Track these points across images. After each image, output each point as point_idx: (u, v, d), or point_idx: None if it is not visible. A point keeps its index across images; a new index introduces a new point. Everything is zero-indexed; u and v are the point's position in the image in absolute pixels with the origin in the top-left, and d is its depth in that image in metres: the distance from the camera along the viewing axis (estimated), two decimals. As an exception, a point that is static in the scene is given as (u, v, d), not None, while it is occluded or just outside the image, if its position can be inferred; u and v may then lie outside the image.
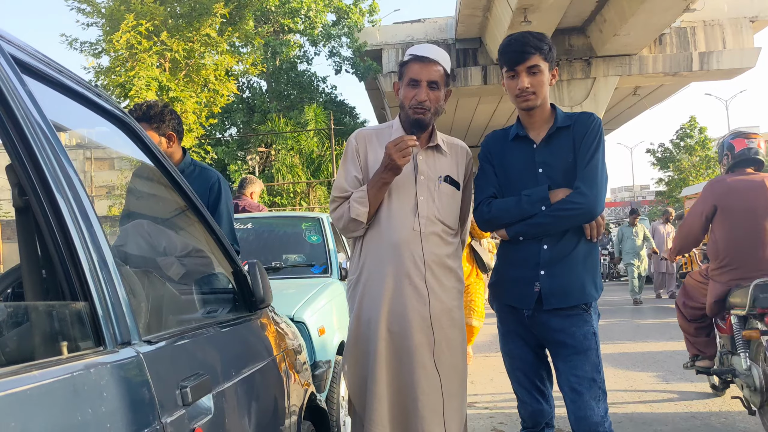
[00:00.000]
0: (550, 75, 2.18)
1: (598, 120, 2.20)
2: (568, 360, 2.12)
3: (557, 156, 2.16)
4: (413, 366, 2.17)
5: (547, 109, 2.22)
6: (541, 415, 2.25)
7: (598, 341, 2.14)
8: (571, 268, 2.13)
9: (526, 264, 2.16)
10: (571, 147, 2.15)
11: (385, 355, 2.19)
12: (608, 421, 2.08)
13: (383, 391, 2.17)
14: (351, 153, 2.34)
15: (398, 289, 2.20)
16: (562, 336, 2.13)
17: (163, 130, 2.69)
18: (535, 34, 2.19)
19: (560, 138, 2.18)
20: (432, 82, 2.23)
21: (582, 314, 2.13)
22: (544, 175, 2.16)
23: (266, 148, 20.69)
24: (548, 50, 2.14)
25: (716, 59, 19.35)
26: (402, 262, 2.20)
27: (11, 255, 1.17)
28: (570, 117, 2.21)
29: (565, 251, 2.14)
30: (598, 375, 2.10)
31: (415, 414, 2.15)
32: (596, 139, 2.14)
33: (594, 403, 2.07)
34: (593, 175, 2.09)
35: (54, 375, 0.84)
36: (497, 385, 5.05)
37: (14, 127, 0.95)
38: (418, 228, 2.21)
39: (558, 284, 2.12)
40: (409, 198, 2.24)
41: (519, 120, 2.26)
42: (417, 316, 2.19)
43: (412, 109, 2.23)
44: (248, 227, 4.51)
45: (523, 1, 14.75)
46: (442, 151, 2.33)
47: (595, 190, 2.08)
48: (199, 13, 14.19)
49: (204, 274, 1.82)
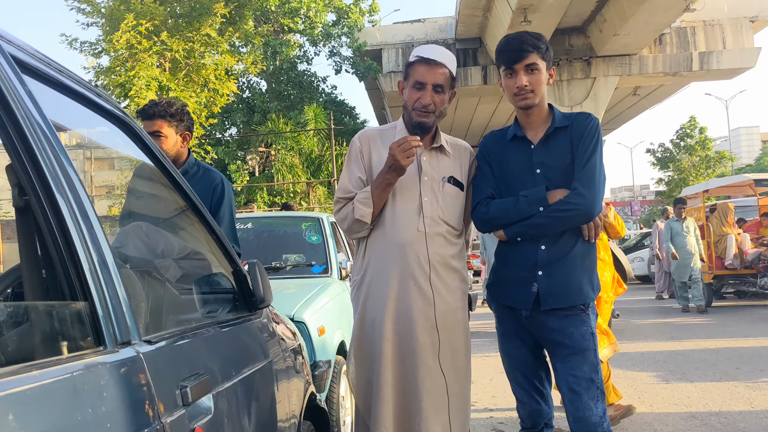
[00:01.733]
0: (548, 75, 2.18)
1: (595, 120, 2.20)
2: (566, 360, 2.12)
3: (555, 156, 2.16)
4: (417, 367, 2.17)
5: (545, 109, 2.21)
6: (539, 416, 2.24)
7: (596, 341, 2.15)
8: (569, 268, 2.13)
9: (524, 264, 2.16)
10: (568, 147, 2.15)
11: (390, 356, 2.19)
12: (607, 422, 2.08)
13: (388, 392, 2.17)
14: (355, 153, 2.33)
15: (403, 290, 2.20)
16: (560, 336, 2.13)
17: (180, 129, 2.72)
18: (532, 33, 2.19)
19: (558, 138, 2.17)
20: (437, 85, 2.23)
21: (580, 315, 2.13)
22: (541, 176, 2.16)
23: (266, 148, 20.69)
24: (545, 49, 2.15)
25: (716, 59, 19.36)
26: (407, 263, 2.20)
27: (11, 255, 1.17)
28: (567, 117, 2.21)
29: (563, 252, 2.14)
30: (596, 375, 2.10)
31: (419, 414, 2.16)
32: (594, 139, 2.14)
33: (592, 404, 2.07)
34: (591, 176, 2.09)
35: (54, 375, 0.84)
36: (497, 385, 5.05)
37: (14, 127, 0.95)
38: (422, 229, 2.21)
39: (556, 285, 2.12)
40: (413, 199, 2.24)
41: (517, 120, 2.26)
42: (422, 316, 2.19)
43: (416, 112, 2.23)
44: (248, 227, 4.51)
45: (523, 1, 14.75)
46: (445, 152, 2.32)
47: (593, 191, 2.08)
48: (199, 13, 14.20)
49: (204, 274, 1.82)
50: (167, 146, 2.67)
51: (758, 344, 6.52)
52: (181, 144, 2.74)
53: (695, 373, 5.21)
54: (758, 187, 11.09)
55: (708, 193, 11.94)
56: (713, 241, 10.46)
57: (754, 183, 10.87)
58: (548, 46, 2.18)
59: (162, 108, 2.66)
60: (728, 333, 7.38)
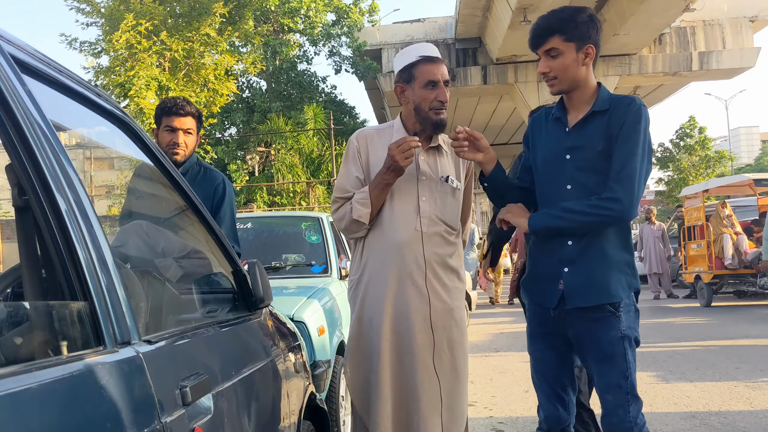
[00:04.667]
0: (583, 54, 1.97)
1: (638, 106, 1.96)
2: (594, 366, 2.01)
3: (587, 143, 1.98)
4: (415, 366, 2.17)
5: (589, 90, 2.02)
6: (556, 421, 2.12)
7: (626, 344, 1.97)
8: (597, 265, 1.97)
9: (551, 260, 2.03)
10: (603, 134, 1.96)
11: (389, 356, 2.19)
12: (639, 426, 1.95)
13: (386, 392, 2.17)
14: (352, 153, 2.33)
15: (401, 290, 2.20)
16: (587, 341, 2.00)
17: (198, 130, 2.78)
18: (564, 11, 1.99)
19: (595, 123, 1.98)
20: (446, 81, 2.25)
21: (609, 318, 1.96)
22: (570, 163, 2.00)
23: (266, 148, 20.69)
24: (573, 28, 1.94)
25: (716, 59, 19.35)
26: (404, 263, 2.20)
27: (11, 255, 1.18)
28: (609, 100, 2.00)
29: (591, 247, 1.98)
30: (626, 381, 1.95)
31: (418, 414, 2.15)
32: (635, 131, 1.92)
33: (621, 411, 1.94)
34: (631, 178, 1.90)
35: (54, 375, 0.84)
36: (497, 385, 5.05)
37: (14, 127, 0.95)
38: (420, 228, 2.22)
39: (580, 282, 1.97)
40: (411, 198, 2.24)
41: (561, 99, 2.09)
42: (419, 316, 2.19)
43: (434, 111, 2.23)
44: (248, 227, 4.51)
45: (522, 1, 14.75)
46: (443, 152, 2.33)
47: (630, 196, 1.90)
48: (198, 13, 14.20)
49: (203, 274, 1.82)
50: (193, 144, 2.73)
51: (758, 344, 6.52)
52: (195, 144, 2.79)
53: (695, 373, 5.21)
54: (758, 187, 11.10)
55: (708, 193, 11.94)
56: (712, 241, 10.46)
57: (754, 183, 10.89)
58: (581, 23, 1.95)
59: (193, 107, 2.72)
60: (728, 333, 7.38)
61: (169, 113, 2.66)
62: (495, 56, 18.69)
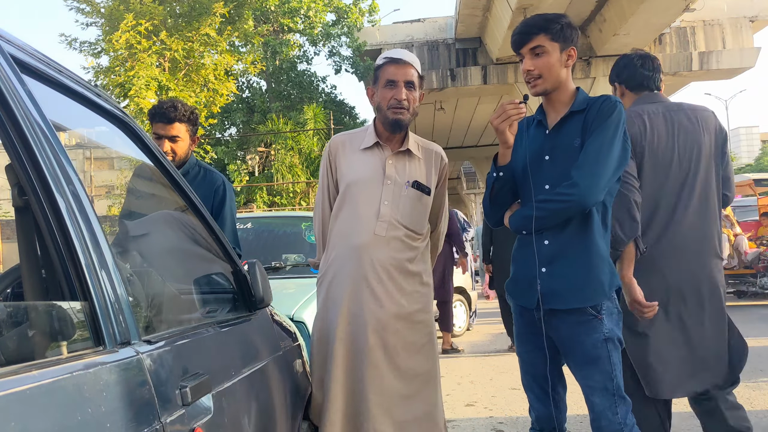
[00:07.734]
0: (566, 55, 2.00)
1: (614, 102, 1.98)
2: (578, 369, 2.01)
3: (564, 141, 2.01)
4: (365, 367, 2.19)
5: (567, 93, 2.04)
6: (547, 421, 2.12)
7: (610, 346, 1.95)
8: (574, 266, 1.95)
9: (530, 261, 2.01)
10: (579, 131, 1.98)
11: (342, 356, 2.21)
12: (628, 426, 1.94)
13: (338, 392, 2.19)
14: (324, 163, 2.42)
15: (356, 292, 2.23)
16: (570, 344, 2.00)
17: (193, 132, 2.76)
18: (547, 14, 2.03)
19: (572, 122, 2.01)
20: (408, 82, 2.27)
21: (590, 320, 1.94)
22: (549, 164, 2.02)
23: (266, 148, 20.69)
24: (559, 29, 1.97)
25: (716, 59, 19.36)
26: (360, 266, 2.23)
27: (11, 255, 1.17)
28: (587, 101, 2.03)
29: (568, 246, 1.96)
30: (611, 383, 1.94)
31: (366, 414, 2.17)
32: (607, 124, 1.93)
33: (609, 413, 1.93)
34: (591, 162, 1.90)
35: (54, 375, 0.84)
36: (497, 385, 5.05)
37: (14, 127, 0.95)
38: (379, 232, 2.25)
39: (557, 284, 1.96)
40: (373, 202, 2.28)
41: (541, 104, 2.12)
42: (372, 318, 2.21)
43: (392, 110, 2.26)
44: (248, 227, 4.50)
45: (522, 1, 14.75)
46: (413, 156, 2.35)
47: (589, 180, 1.88)
48: (198, 13, 14.19)
49: (203, 274, 1.82)
50: (182, 150, 2.69)
51: (758, 344, 6.51)
52: (190, 146, 2.77)
53: None
54: (758, 187, 11.10)
55: (707, 192, 11.91)
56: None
57: (754, 183, 10.89)
58: (564, 26, 1.99)
59: (181, 112, 2.67)
60: (728, 333, 7.37)
61: (154, 120, 2.66)
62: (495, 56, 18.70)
